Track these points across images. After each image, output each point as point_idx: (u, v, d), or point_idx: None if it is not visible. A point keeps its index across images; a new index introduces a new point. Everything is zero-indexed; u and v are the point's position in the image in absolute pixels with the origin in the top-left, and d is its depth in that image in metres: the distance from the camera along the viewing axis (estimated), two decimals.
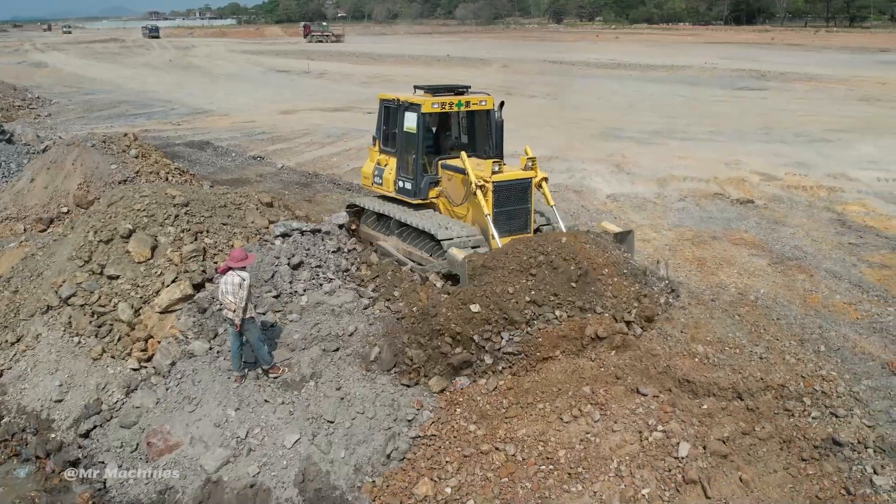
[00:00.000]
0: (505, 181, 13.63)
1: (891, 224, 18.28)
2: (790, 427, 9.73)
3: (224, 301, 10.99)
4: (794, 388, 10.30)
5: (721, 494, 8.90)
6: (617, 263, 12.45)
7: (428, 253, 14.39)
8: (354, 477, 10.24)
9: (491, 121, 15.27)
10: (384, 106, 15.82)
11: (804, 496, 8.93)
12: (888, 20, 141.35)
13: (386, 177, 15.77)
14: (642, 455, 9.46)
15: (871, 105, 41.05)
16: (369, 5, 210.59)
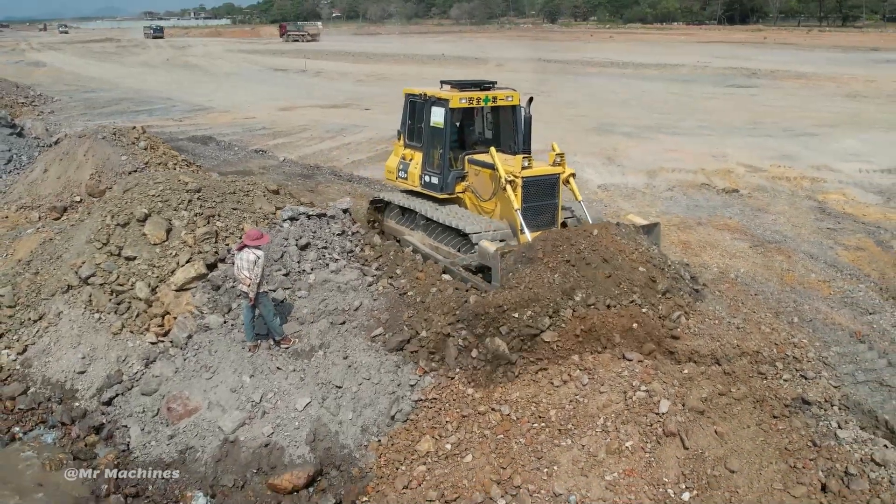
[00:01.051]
0: (534, 176, 13.74)
1: (868, 211, 19.16)
2: (763, 388, 10.57)
3: (239, 276, 11.81)
4: (768, 353, 11.14)
5: (698, 445, 9.74)
6: (648, 257, 12.45)
7: (455, 248, 14.51)
8: (361, 436, 11.08)
9: (517, 116, 15.32)
10: (410, 101, 15.85)
11: (774, 448, 9.76)
12: (880, 20, 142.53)
13: (411, 171, 15.89)
14: (626, 412, 10.29)
15: (858, 102, 41.99)
16: (364, 5, 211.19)
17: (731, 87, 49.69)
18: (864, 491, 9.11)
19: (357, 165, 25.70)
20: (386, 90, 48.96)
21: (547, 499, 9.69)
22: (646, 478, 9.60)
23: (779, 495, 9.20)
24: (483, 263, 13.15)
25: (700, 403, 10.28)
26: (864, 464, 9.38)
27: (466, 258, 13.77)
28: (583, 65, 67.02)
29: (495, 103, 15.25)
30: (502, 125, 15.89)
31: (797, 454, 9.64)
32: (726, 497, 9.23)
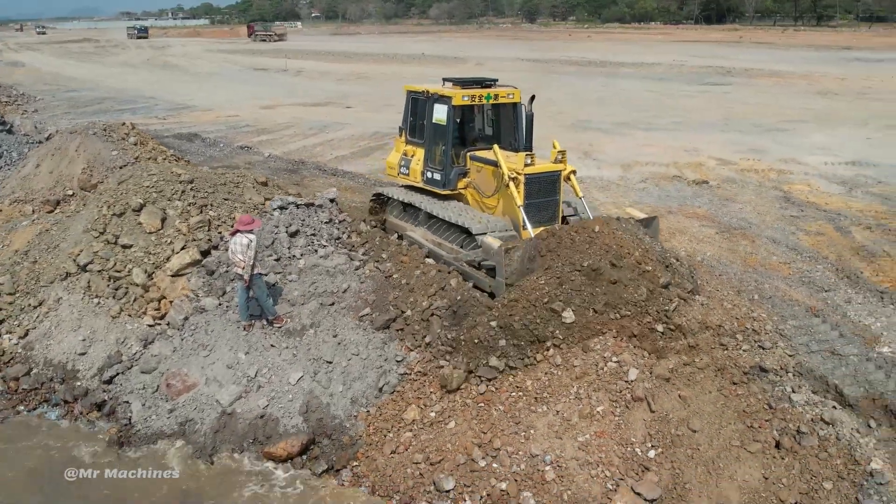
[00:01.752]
0: (536, 173, 13.91)
1: (830, 200, 20.12)
2: (724, 357, 11.39)
3: (234, 259, 12.52)
4: (729, 327, 11.98)
5: (663, 409, 10.56)
6: (647, 251, 12.71)
7: (458, 245, 14.66)
8: (351, 407, 11.83)
9: (518, 114, 15.58)
10: (411, 98, 16.11)
11: (733, 410, 10.60)
12: (853, 19, 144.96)
13: (413, 167, 16.14)
14: (598, 381, 11.09)
15: (829, 99, 43.15)
16: (343, 5, 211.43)
17: (706, 85, 50.79)
18: (814, 446, 9.98)
19: (341, 160, 26.39)
20: (367, 89, 49.69)
21: (524, 459, 10.50)
22: (615, 438, 10.43)
23: (736, 451, 10.05)
24: (487, 259, 13.33)
25: (666, 372, 11.10)
26: (814, 423, 10.25)
27: (470, 254, 13.98)
28: (561, 64, 67.97)
29: (497, 101, 15.48)
30: (503, 122, 16.12)
31: (754, 416, 10.48)
32: (688, 453, 10.07)
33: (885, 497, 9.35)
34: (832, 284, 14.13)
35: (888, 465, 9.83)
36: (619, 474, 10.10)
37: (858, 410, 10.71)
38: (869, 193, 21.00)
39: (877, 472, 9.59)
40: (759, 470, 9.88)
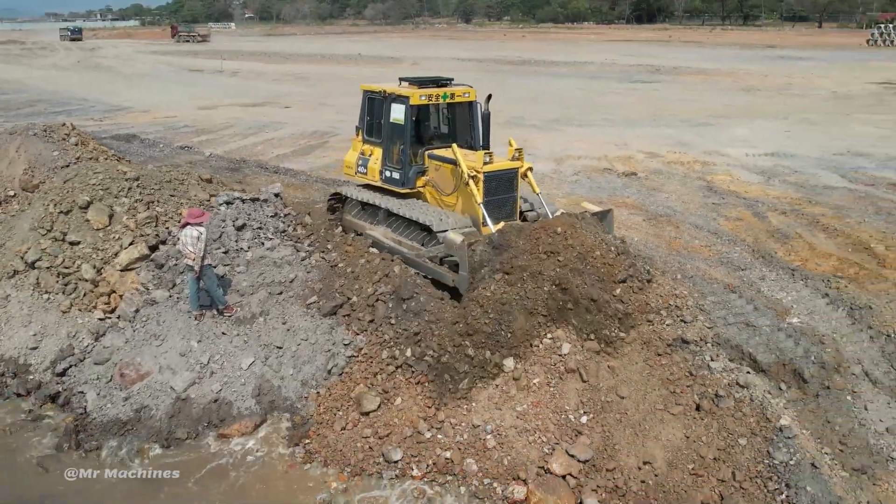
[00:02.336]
0: (495, 171, 14.21)
1: (750, 189, 21.38)
2: (649, 332, 12.31)
3: (184, 251, 12.98)
4: (654, 304, 12.89)
5: (594, 379, 11.42)
6: (607, 245, 13.10)
7: (419, 242, 14.82)
8: (302, 389, 12.43)
9: (474, 112, 15.88)
10: (368, 97, 16.16)
11: (657, 378, 11.52)
12: (778, 19, 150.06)
13: (371, 166, 16.20)
14: (533, 356, 11.90)
15: (752, 95, 45.05)
16: (277, 5, 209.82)
17: (636, 83, 52.40)
18: (730, 407, 10.96)
19: (282, 159, 26.81)
20: (304, 89, 49.98)
21: (467, 429, 11.27)
22: (550, 407, 11.27)
23: (660, 414, 10.97)
24: (450, 254, 13.57)
25: (595, 345, 11.96)
26: (730, 387, 11.24)
27: (432, 250, 14.17)
28: (497, 63, 69.11)
29: (453, 100, 15.64)
30: (458, 121, 16.28)
31: (676, 382, 11.42)
32: (617, 418, 10.96)
33: (792, 449, 10.36)
34: (748, 264, 15.23)
35: (795, 422, 10.86)
36: (555, 439, 10.93)
37: (770, 375, 11.71)
38: (785, 182, 22.35)
39: (785, 428, 10.61)
40: (682, 430, 10.82)
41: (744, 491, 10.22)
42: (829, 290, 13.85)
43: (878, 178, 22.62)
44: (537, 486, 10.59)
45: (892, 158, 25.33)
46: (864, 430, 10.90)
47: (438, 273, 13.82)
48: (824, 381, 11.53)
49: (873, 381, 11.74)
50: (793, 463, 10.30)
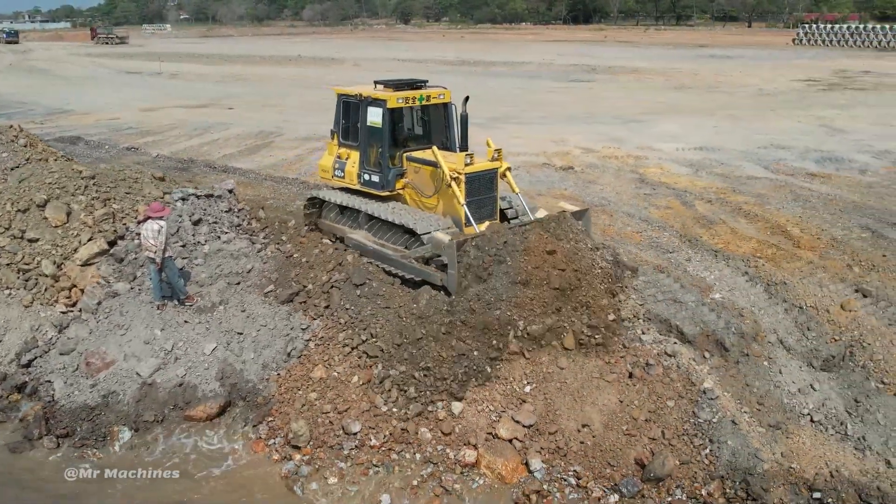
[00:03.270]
0: (476, 172, 14.32)
1: (679, 180, 22.71)
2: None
3: (146, 244, 13.59)
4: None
5: (536, 354, 12.41)
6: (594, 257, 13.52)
7: (402, 245, 14.82)
8: (263, 372, 13.17)
9: (449, 113, 15.99)
10: (343, 101, 16.04)
11: (595, 351, 12.57)
12: (710, 19, 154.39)
13: (348, 170, 16.07)
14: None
15: (683, 92, 46.84)
16: (213, 6, 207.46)
17: (572, 81, 53.90)
18: (659, 374, 12.09)
19: (230, 158, 27.30)
20: (247, 90, 50.22)
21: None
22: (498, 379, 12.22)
23: (596, 382, 12.03)
24: (436, 254, 13.68)
25: (540, 328, 12.92)
26: (659, 356, 12.37)
27: (419, 251, 14.14)
28: (437, 63, 70.04)
29: (429, 101, 15.66)
30: (433, 122, 16.30)
31: (611, 353, 12.48)
32: (557, 386, 11.98)
33: (714, 408, 11.52)
34: (676, 247, 16.44)
35: (718, 385, 12.03)
36: (501, 407, 11.90)
37: (695, 345, 12.87)
38: (712, 174, 23.75)
39: (708, 391, 11.77)
40: (616, 395, 11.91)
41: (672, 447, 11.33)
42: (748, 268, 15.10)
43: (797, 169, 24.18)
44: (486, 450, 11.55)
45: (811, 151, 26.99)
46: (778, 392, 12.13)
47: (426, 273, 13.86)
48: (743, 350, 12.74)
49: (787, 349, 13.01)
50: (715, 421, 11.45)
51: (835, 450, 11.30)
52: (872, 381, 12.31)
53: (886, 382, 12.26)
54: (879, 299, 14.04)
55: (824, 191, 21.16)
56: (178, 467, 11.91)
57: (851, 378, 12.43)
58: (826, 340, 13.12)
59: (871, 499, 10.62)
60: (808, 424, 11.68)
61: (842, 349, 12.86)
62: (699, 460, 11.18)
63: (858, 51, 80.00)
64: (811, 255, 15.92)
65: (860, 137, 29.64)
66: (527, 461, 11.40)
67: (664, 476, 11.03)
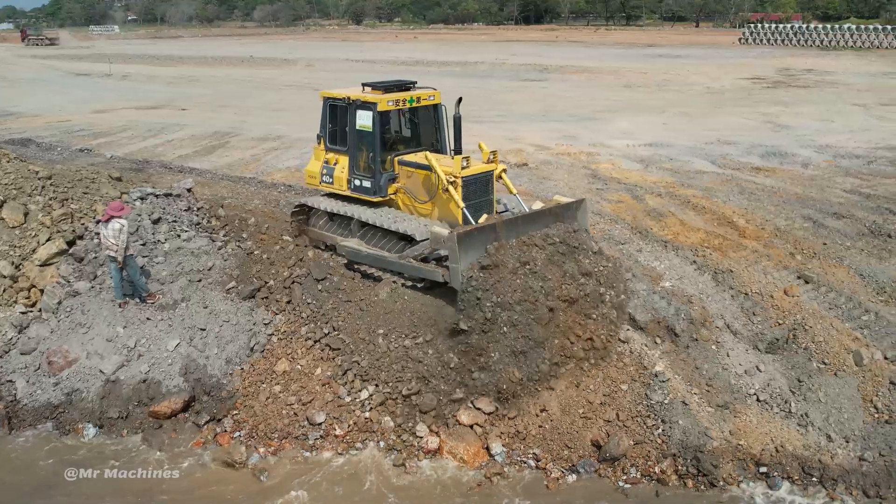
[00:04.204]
0: (472, 175, 14.00)
1: (630, 175, 23.31)
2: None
3: (107, 244, 13.67)
4: None
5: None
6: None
7: (399, 252, 14.22)
8: (226, 367, 13.36)
9: (439, 115, 15.61)
10: (329, 104, 15.50)
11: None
12: (658, 19, 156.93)
13: (337, 175, 15.50)
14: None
15: (633, 91, 47.68)
16: (162, 7, 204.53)
17: (525, 80, 54.50)
18: (613, 360, 12.58)
19: (185, 159, 27.22)
20: (199, 91, 49.85)
21: (382, 391, 12.46)
22: None
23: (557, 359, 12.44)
24: (438, 249, 13.15)
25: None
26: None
27: (417, 248, 13.64)
28: (390, 64, 70.16)
29: (419, 103, 15.24)
30: (422, 124, 15.88)
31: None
32: None
33: (665, 391, 12.05)
34: (627, 239, 16.94)
35: (669, 369, 12.54)
36: (462, 395, 12.25)
37: (647, 331, 13.37)
38: (662, 169, 24.39)
39: (660, 373, 12.30)
40: (573, 380, 12.33)
41: (627, 428, 11.83)
42: (696, 258, 15.67)
43: (743, 163, 24.95)
44: (448, 436, 11.91)
45: (756, 146, 27.81)
46: (726, 374, 12.71)
47: (427, 272, 13.24)
48: (693, 335, 13.29)
49: (734, 333, 13.58)
50: (667, 402, 11.97)
51: (780, 427, 11.91)
52: (814, 362, 12.94)
53: (827, 363, 12.89)
54: (820, 285, 14.70)
55: (769, 184, 21.90)
56: (145, 464, 12.06)
57: (794, 359, 13.06)
58: (770, 324, 13.72)
59: (814, 471, 11.27)
60: (755, 404, 12.28)
61: (785, 332, 13.47)
62: (652, 440, 11.70)
63: (802, 50, 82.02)
64: (756, 245, 16.55)
65: (803, 133, 30.60)
66: (487, 445, 11.78)
67: (619, 456, 11.53)
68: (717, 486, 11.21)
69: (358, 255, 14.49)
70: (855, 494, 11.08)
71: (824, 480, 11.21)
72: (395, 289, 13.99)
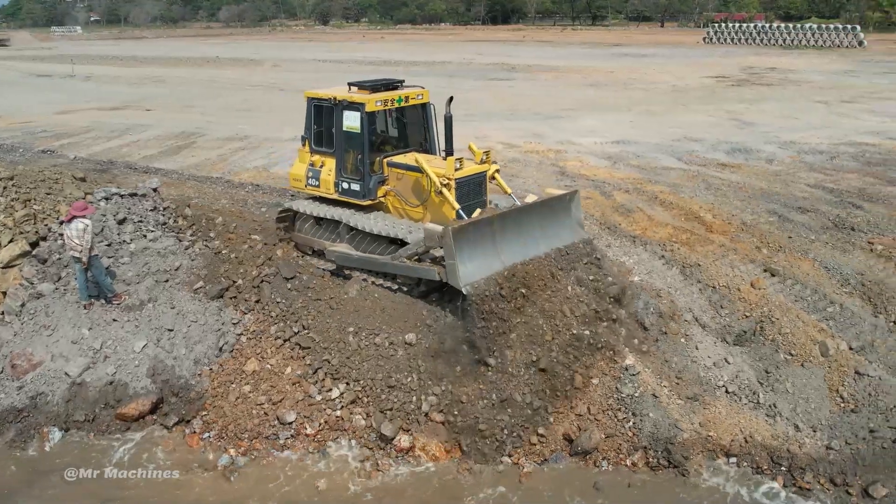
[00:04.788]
0: (466, 177, 13.71)
1: (598, 172, 23.44)
2: None
3: (71, 244, 13.44)
4: None
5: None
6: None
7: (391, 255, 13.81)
8: (195, 367, 13.21)
9: (427, 114, 15.27)
10: (314, 105, 15.01)
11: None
12: (624, 19, 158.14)
13: (324, 178, 15.01)
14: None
15: (599, 89, 47.98)
16: (125, 8, 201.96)
17: (493, 80, 54.60)
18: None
19: (151, 159, 26.87)
20: (164, 91, 49.30)
21: (354, 390, 12.40)
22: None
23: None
24: (431, 248, 12.70)
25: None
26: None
27: (410, 247, 13.15)
28: (358, 63, 69.96)
29: (407, 103, 14.84)
30: (409, 124, 15.50)
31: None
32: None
33: (636, 384, 12.12)
34: (596, 234, 17.00)
35: (638, 362, 12.61)
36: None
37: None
38: (629, 165, 24.56)
39: (630, 367, 12.37)
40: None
41: (598, 422, 11.89)
42: (664, 252, 15.80)
43: (709, 160, 25.20)
44: (420, 433, 11.88)
45: (722, 142, 28.10)
46: (695, 366, 12.82)
47: (423, 271, 12.97)
48: (662, 328, 13.40)
49: (702, 326, 13.71)
50: (637, 395, 12.05)
51: (748, 417, 12.04)
52: (781, 353, 13.10)
53: (794, 354, 13.05)
54: (786, 278, 14.89)
55: (734, 179, 22.14)
56: (110, 464, 11.89)
57: (762, 351, 13.22)
58: (738, 317, 13.87)
59: (782, 460, 11.40)
60: (724, 395, 12.39)
61: (752, 325, 13.62)
62: (623, 433, 11.77)
63: (765, 48, 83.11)
64: (723, 239, 16.71)
65: (767, 129, 30.97)
66: (459, 441, 11.76)
67: (591, 449, 11.59)
68: (687, 476, 11.30)
69: (348, 260, 14.25)
70: (822, 483, 11.23)
71: (793, 469, 11.33)
72: (364, 286, 13.95)
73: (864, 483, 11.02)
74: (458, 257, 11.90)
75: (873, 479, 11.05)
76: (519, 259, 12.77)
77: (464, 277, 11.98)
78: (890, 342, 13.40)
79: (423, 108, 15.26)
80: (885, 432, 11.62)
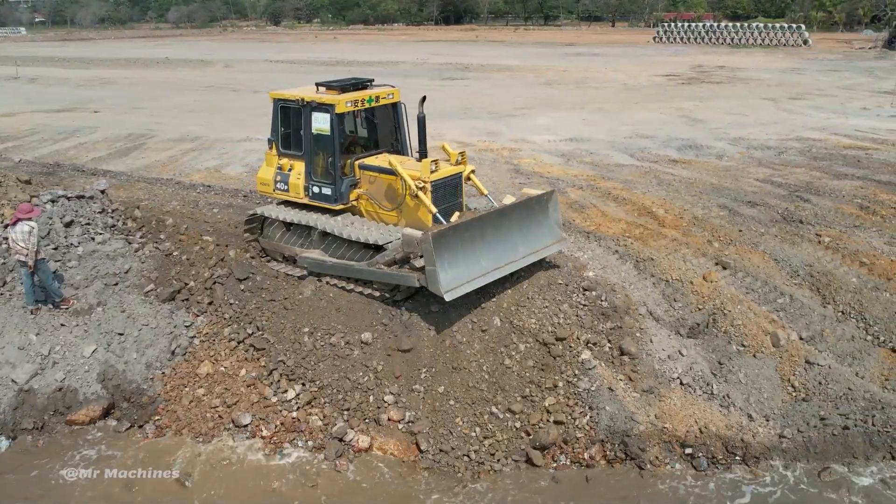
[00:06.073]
0: (442, 179, 13.43)
1: (552, 169, 23.58)
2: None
3: (16, 248, 13.08)
4: None
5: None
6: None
7: (367, 261, 13.49)
8: (147, 371, 12.97)
9: (398, 114, 14.97)
10: (280, 106, 14.52)
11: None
12: (576, 19, 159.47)
13: (293, 182, 14.54)
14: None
15: (552, 88, 48.30)
16: (71, 9, 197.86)
17: (447, 79, 54.63)
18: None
19: (99, 161, 26.34)
20: (112, 93, 48.39)
21: (309, 391, 12.28)
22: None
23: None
24: (411, 252, 12.38)
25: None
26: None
27: (388, 253, 12.86)
28: (311, 64, 69.50)
29: (378, 103, 14.43)
30: (379, 124, 15.12)
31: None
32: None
33: (592, 378, 12.17)
34: None
35: (595, 357, 12.66)
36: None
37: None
38: (583, 162, 24.75)
39: (586, 361, 12.41)
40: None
41: (554, 416, 11.90)
42: (618, 247, 15.93)
43: (660, 156, 25.52)
44: (378, 433, 11.81)
45: (672, 139, 28.49)
46: (650, 359, 12.92)
47: (401, 278, 12.63)
48: (617, 322, 13.46)
49: (656, 319, 13.84)
50: (593, 389, 12.11)
51: (703, 409, 12.18)
52: (734, 345, 13.30)
53: (746, 345, 13.26)
54: (737, 270, 15.12)
55: (685, 175, 22.45)
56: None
57: (715, 343, 13.40)
58: (691, 310, 14.04)
59: (736, 450, 11.56)
60: (678, 387, 12.52)
61: (705, 317, 13.81)
62: (580, 427, 11.80)
63: (713, 48, 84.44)
64: (675, 233, 16.93)
65: (717, 126, 31.48)
66: (417, 442, 11.71)
67: (549, 444, 11.60)
68: (644, 468, 11.39)
69: (322, 267, 13.90)
70: (776, 471, 11.41)
71: (747, 458, 11.50)
72: (319, 286, 13.82)
73: (816, 469, 11.25)
74: (439, 263, 11.64)
75: (825, 466, 11.30)
76: (499, 263, 12.71)
77: (445, 284, 11.74)
78: (838, 332, 13.71)
79: (395, 107, 14.93)
80: (836, 419, 11.87)
